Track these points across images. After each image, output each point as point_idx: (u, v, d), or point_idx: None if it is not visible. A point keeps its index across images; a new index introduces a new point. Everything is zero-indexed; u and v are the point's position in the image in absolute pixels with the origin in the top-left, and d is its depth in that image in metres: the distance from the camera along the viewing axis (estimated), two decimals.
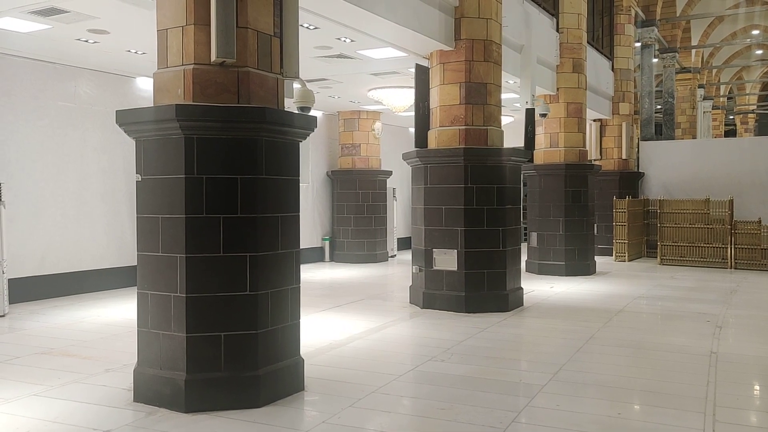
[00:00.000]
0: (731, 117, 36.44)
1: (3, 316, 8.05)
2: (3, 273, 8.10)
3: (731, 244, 13.78)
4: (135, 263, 4.90)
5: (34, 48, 8.64)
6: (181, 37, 4.58)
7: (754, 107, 35.83)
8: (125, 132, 4.83)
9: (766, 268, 13.40)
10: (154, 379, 4.68)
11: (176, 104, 4.48)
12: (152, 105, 4.73)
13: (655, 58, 19.55)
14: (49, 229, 9.36)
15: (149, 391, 4.70)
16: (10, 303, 8.38)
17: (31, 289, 9.08)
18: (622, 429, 4.32)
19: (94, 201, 9.95)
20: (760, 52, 28.94)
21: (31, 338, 6.92)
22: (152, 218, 4.70)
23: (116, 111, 4.82)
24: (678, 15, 21.26)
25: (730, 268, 13.70)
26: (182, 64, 4.58)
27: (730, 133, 36.15)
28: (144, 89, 10.53)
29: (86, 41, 8.30)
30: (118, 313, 8.29)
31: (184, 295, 4.54)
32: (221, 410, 4.53)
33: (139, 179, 4.77)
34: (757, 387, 5.60)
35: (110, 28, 7.73)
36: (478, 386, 5.25)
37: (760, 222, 13.61)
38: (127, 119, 4.75)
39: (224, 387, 4.59)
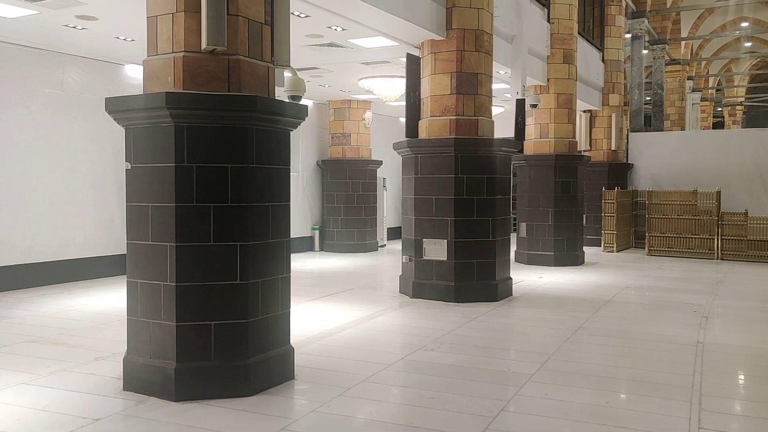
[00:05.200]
0: (720, 109, 36.63)
1: None
2: None
3: (718, 236, 13.90)
4: (124, 252, 4.88)
5: (21, 34, 8.54)
6: (171, 24, 4.54)
7: (743, 99, 36.03)
8: (114, 120, 4.79)
9: (752, 259, 13.54)
10: (143, 368, 4.67)
11: (166, 92, 4.44)
12: (142, 93, 4.69)
13: (645, 49, 19.60)
14: (37, 217, 9.29)
15: (139, 379, 4.69)
16: None
17: (19, 278, 9.02)
18: (610, 417, 4.37)
19: (82, 189, 9.88)
20: (749, 44, 29.09)
21: (20, 327, 6.88)
22: (142, 207, 4.68)
23: (105, 98, 4.78)
24: (668, 6, 21.30)
25: (717, 259, 13.82)
26: (172, 52, 4.54)
27: (719, 125, 36.36)
28: (133, 77, 10.44)
29: (74, 27, 8.21)
30: (107, 301, 8.26)
31: (174, 284, 4.53)
32: (211, 399, 4.53)
33: (129, 167, 4.74)
34: (742, 376, 5.67)
35: (98, 14, 7.65)
36: (467, 375, 5.28)
37: (746, 213, 13.73)
38: (116, 107, 4.72)
39: (214, 376, 4.59)
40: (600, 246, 15.26)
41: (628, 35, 18.52)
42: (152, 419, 4.23)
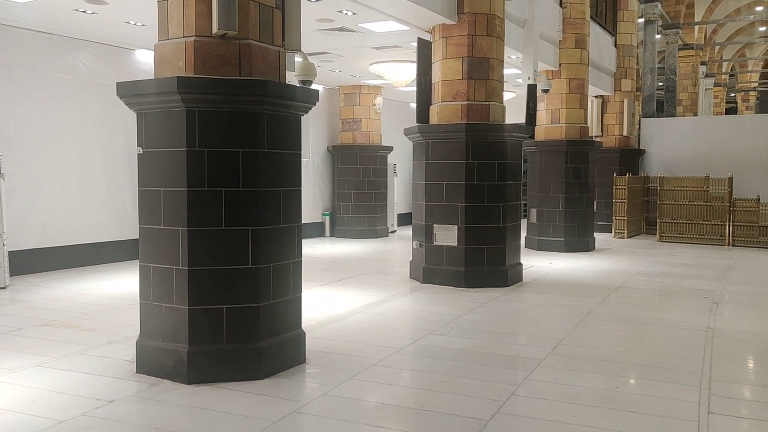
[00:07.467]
0: (733, 95, 36.24)
1: (4, 288, 8.08)
2: (3, 245, 8.11)
3: (730, 222, 13.81)
4: (135, 236, 4.92)
5: (32, 18, 8.55)
6: (182, 9, 4.54)
7: (756, 85, 35.61)
8: (126, 104, 4.80)
9: (764, 246, 13.45)
10: (156, 351, 4.72)
11: (178, 76, 4.44)
12: (153, 77, 4.70)
13: (658, 34, 19.37)
14: (50, 201, 9.36)
15: (152, 362, 4.74)
16: (10, 275, 8.40)
17: (32, 262, 9.11)
18: (620, 402, 4.38)
19: (94, 174, 9.93)
20: (763, 29, 28.68)
21: (33, 310, 6.96)
22: (154, 191, 4.70)
23: (117, 83, 4.78)
24: None
25: (728, 245, 13.75)
26: (183, 36, 4.54)
27: (731, 110, 35.99)
28: (143, 62, 10.45)
29: (84, 12, 8.22)
30: (119, 285, 8.33)
31: (186, 268, 4.56)
32: (223, 382, 4.58)
33: (141, 152, 4.76)
34: (751, 362, 5.66)
35: None
36: (477, 360, 5.30)
37: (758, 200, 13.63)
38: (128, 91, 4.73)
39: (226, 359, 4.63)
40: (611, 232, 15.21)
41: (641, 20, 18.32)
42: (165, 401, 4.28)
